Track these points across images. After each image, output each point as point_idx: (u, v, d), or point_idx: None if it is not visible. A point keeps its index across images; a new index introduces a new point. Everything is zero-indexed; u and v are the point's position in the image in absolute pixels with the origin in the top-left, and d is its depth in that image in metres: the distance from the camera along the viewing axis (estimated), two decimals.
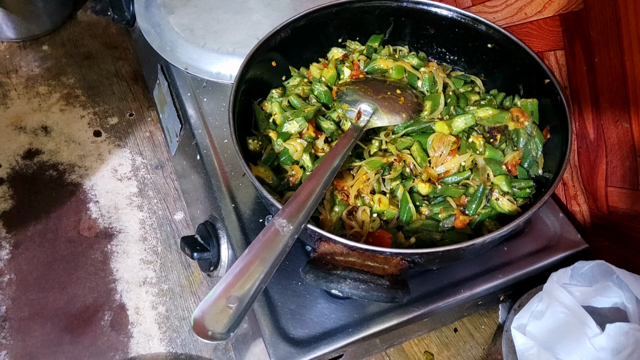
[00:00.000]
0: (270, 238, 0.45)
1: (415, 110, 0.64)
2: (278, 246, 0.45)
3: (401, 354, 0.74)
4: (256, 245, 0.45)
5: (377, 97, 0.64)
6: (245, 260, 0.44)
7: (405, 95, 0.65)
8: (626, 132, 0.63)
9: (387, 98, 0.64)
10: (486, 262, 0.65)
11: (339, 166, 0.54)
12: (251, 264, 0.44)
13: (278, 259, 0.45)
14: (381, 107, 0.63)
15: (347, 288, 0.46)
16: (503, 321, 0.75)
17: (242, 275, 0.43)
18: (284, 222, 0.46)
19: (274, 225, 0.46)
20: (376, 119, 0.62)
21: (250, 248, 0.45)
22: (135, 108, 1.00)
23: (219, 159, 0.70)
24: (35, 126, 0.95)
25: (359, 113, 0.62)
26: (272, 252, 0.45)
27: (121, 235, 0.84)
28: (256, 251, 0.45)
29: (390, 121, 0.63)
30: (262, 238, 0.45)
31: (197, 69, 0.79)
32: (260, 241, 0.45)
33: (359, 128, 0.61)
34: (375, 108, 0.63)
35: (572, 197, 0.74)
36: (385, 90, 0.65)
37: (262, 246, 0.45)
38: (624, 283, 0.59)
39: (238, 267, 0.44)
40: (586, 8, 0.63)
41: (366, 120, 0.62)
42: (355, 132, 0.60)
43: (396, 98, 0.64)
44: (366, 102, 0.63)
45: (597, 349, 0.54)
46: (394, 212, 0.57)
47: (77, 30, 1.12)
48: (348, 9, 0.70)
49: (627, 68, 0.60)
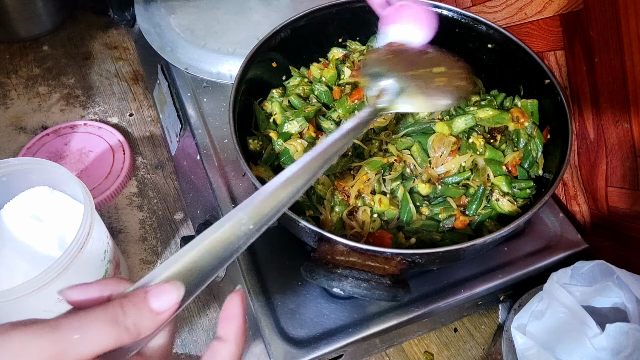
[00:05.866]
0: (223, 236, 0.34)
1: (458, 95, 0.51)
2: (230, 247, 0.34)
3: (401, 354, 0.74)
4: (204, 241, 0.33)
5: (407, 74, 0.51)
6: (193, 252, 0.33)
7: (448, 74, 0.52)
8: (626, 132, 0.63)
9: (421, 76, 0.51)
10: (486, 262, 0.65)
11: (337, 153, 0.43)
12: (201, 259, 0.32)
13: (225, 260, 0.34)
14: (410, 87, 0.50)
15: (348, 286, 0.46)
16: (503, 321, 0.75)
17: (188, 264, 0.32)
18: (245, 218, 0.34)
19: (232, 219, 0.34)
20: (400, 101, 0.49)
21: (197, 242, 0.33)
22: (135, 108, 1.00)
23: (219, 159, 0.70)
24: (35, 126, 0.95)
25: (381, 91, 0.50)
26: (222, 250, 0.33)
27: (121, 235, 0.84)
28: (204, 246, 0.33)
29: (419, 107, 0.51)
30: (212, 233, 0.34)
31: (197, 69, 0.79)
32: (207, 237, 0.33)
33: (375, 110, 0.49)
34: (402, 87, 0.50)
35: (572, 197, 0.74)
36: (420, 65, 0.52)
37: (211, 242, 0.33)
38: (624, 283, 0.59)
39: (184, 257, 0.32)
40: (586, 8, 0.63)
41: (387, 102, 0.49)
42: (369, 114, 0.48)
43: (433, 77, 0.51)
44: (392, 78, 0.51)
45: (597, 349, 0.54)
46: (394, 213, 0.57)
47: (77, 30, 1.12)
48: (348, 9, 0.70)
49: (627, 68, 0.60)
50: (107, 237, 0.68)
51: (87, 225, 0.58)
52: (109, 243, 0.68)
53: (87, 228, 0.58)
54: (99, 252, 0.64)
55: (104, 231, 0.67)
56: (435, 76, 0.52)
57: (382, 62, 0.53)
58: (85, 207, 0.59)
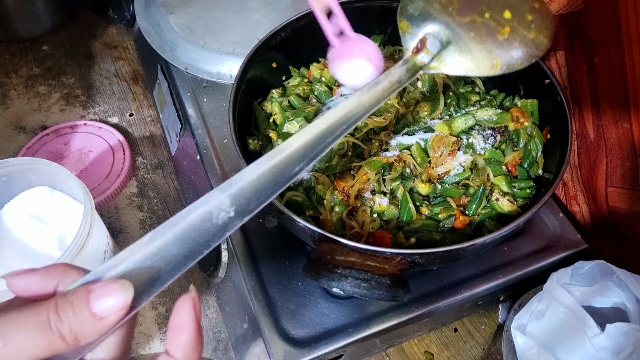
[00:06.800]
0: (194, 225, 0.28)
1: (529, 53, 0.40)
2: (202, 237, 0.28)
3: (401, 354, 0.74)
4: (171, 229, 0.28)
5: (461, 20, 0.39)
6: (156, 243, 0.27)
7: (516, 24, 0.40)
8: (626, 132, 0.63)
9: (481, 24, 0.39)
10: (486, 262, 0.65)
11: (355, 121, 0.35)
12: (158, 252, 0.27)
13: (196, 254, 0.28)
14: (464, 39, 0.38)
15: (348, 286, 0.46)
16: (503, 321, 0.75)
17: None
18: (226, 202, 0.29)
19: (207, 203, 0.29)
20: (448, 57, 0.38)
21: (159, 232, 0.28)
22: (135, 108, 1.00)
23: (219, 159, 0.70)
24: (35, 126, 0.95)
25: (423, 41, 0.39)
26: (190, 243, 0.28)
27: (121, 235, 0.84)
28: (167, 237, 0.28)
29: (473, 68, 0.39)
30: (182, 220, 0.28)
31: (197, 69, 0.79)
32: (176, 224, 0.28)
33: (414, 67, 0.38)
34: (452, 37, 0.38)
35: (572, 197, 0.74)
36: (481, 9, 0.39)
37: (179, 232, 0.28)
38: (624, 283, 0.59)
39: (143, 250, 0.27)
40: (586, 8, 0.63)
41: (430, 57, 0.38)
42: (405, 72, 0.37)
43: (496, 26, 0.39)
44: (440, 23, 0.39)
45: (597, 349, 0.54)
46: (394, 213, 0.57)
47: (77, 30, 1.12)
48: (348, 9, 0.70)
49: (627, 68, 0.60)
50: (107, 237, 0.68)
51: (87, 225, 0.58)
52: (109, 243, 0.68)
53: (87, 228, 0.58)
54: (99, 252, 0.64)
55: (104, 231, 0.67)
56: (501, 25, 0.39)
57: (431, 1, 0.40)
58: (85, 207, 0.59)
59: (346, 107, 0.35)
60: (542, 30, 0.42)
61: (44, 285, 0.26)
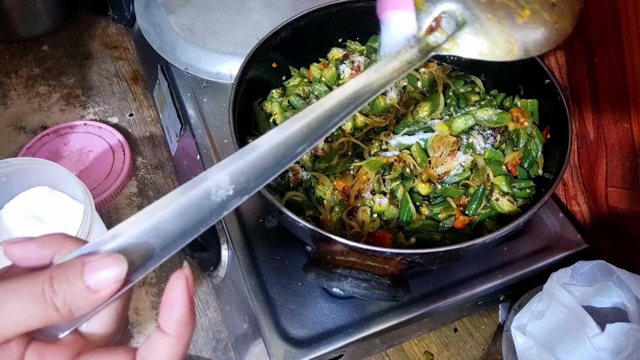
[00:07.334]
0: (192, 202, 0.27)
1: (550, 37, 0.38)
2: (200, 215, 0.27)
3: (401, 354, 0.74)
4: (169, 206, 0.27)
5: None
6: (153, 219, 0.27)
7: (537, 6, 0.37)
8: (626, 132, 0.63)
9: (500, 5, 0.37)
10: (486, 262, 0.65)
11: (363, 101, 0.34)
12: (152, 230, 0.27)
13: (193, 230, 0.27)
14: (481, 20, 0.36)
15: (348, 286, 0.46)
16: (503, 321, 0.75)
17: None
18: (226, 179, 0.28)
19: (206, 180, 0.28)
20: (463, 39, 0.36)
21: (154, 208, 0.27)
22: (135, 108, 1.00)
23: (219, 159, 0.70)
24: (35, 126, 0.95)
25: (437, 20, 0.37)
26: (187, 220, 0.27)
27: None
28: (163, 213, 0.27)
29: (487, 52, 0.37)
30: (180, 197, 0.28)
31: (197, 69, 0.79)
32: (174, 201, 0.27)
33: (426, 48, 0.36)
34: (468, 17, 0.36)
35: (572, 197, 0.74)
36: None
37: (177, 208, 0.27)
38: (624, 283, 0.59)
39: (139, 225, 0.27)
40: (586, 8, 0.63)
41: (445, 37, 0.36)
42: (416, 52, 0.35)
43: (516, 8, 0.37)
44: (458, 1, 0.37)
45: (597, 349, 0.54)
46: (394, 213, 0.57)
47: (77, 30, 1.12)
48: (348, 9, 0.70)
49: (627, 68, 0.60)
50: None
51: (87, 225, 0.58)
52: None
53: (87, 228, 0.58)
54: None
55: (104, 231, 0.67)
56: (521, 7, 0.37)
57: None
58: (85, 207, 0.59)
59: (353, 85, 0.34)
60: (564, 14, 0.39)
61: (41, 254, 0.26)
